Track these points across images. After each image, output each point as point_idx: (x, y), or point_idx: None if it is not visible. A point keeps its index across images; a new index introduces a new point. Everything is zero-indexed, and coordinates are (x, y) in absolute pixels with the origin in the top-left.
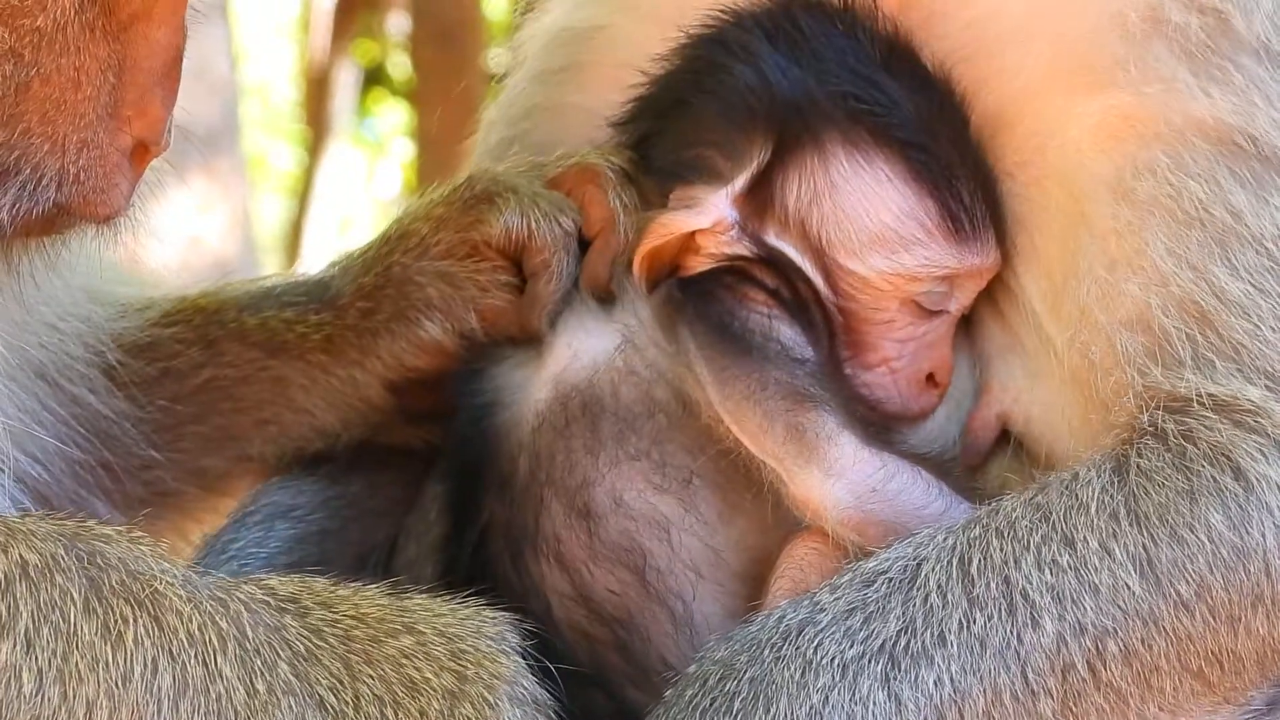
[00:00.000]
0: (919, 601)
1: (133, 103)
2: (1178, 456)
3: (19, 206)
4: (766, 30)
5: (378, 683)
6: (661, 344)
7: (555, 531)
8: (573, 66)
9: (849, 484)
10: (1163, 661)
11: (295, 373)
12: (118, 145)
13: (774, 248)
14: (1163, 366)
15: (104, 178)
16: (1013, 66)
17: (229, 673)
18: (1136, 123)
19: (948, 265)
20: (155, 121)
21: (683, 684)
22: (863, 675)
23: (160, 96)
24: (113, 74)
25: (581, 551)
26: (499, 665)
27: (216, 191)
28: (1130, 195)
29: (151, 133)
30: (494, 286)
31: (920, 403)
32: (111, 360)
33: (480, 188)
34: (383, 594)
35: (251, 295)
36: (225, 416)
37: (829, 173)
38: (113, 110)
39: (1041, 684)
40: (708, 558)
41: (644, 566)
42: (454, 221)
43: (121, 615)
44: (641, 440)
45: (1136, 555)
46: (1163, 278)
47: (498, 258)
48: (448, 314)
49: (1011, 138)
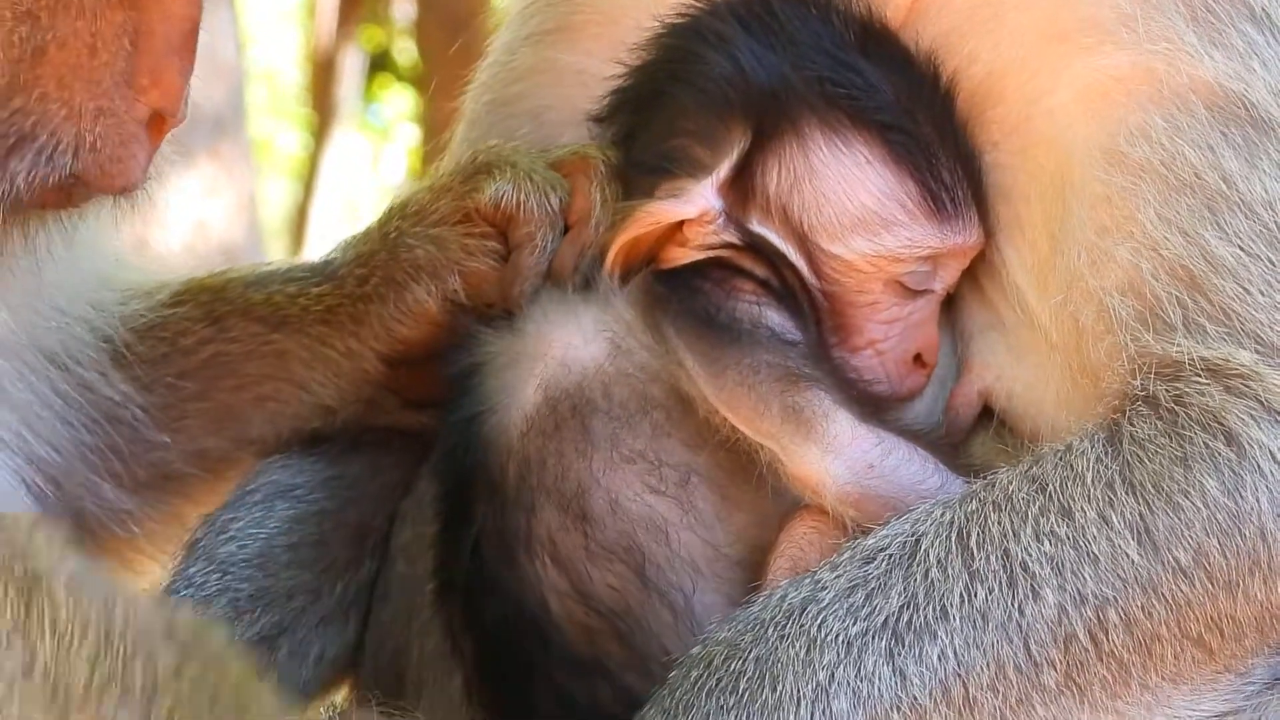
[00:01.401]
0: (920, 577)
1: (149, 71)
2: (1169, 424)
3: (35, 173)
4: (741, 17)
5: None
6: (650, 345)
7: (550, 535)
8: (565, 27)
9: (847, 460)
10: (1163, 629)
11: (296, 346)
12: (134, 114)
13: (758, 235)
14: (1154, 331)
15: (120, 146)
16: (1009, 35)
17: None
18: (1131, 84)
19: (930, 245)
20: (171, 91)
21: (687, 665)
22: (867, 651)
23: (176, 66)
24: (129, 41)
25: (579, 552)
26: None
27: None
28: (1123, 160)
29: (168, 102)
30: (479, 251)
31: (909, 383)
32: (119, 343)
33: (482, 159)
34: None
35: (258, 274)
36: (227, 394)
37: (808, 158)
38: (129, 79)
39: (1044, 655)
40: (707, 554)
41: (643, 564)
42: (454, 190)
43: None
44: (637, 440)
45: (1134, 523)
46: (1153, 243)
47: (487, 226)
48: (433, 275)
49: (1000, 107)
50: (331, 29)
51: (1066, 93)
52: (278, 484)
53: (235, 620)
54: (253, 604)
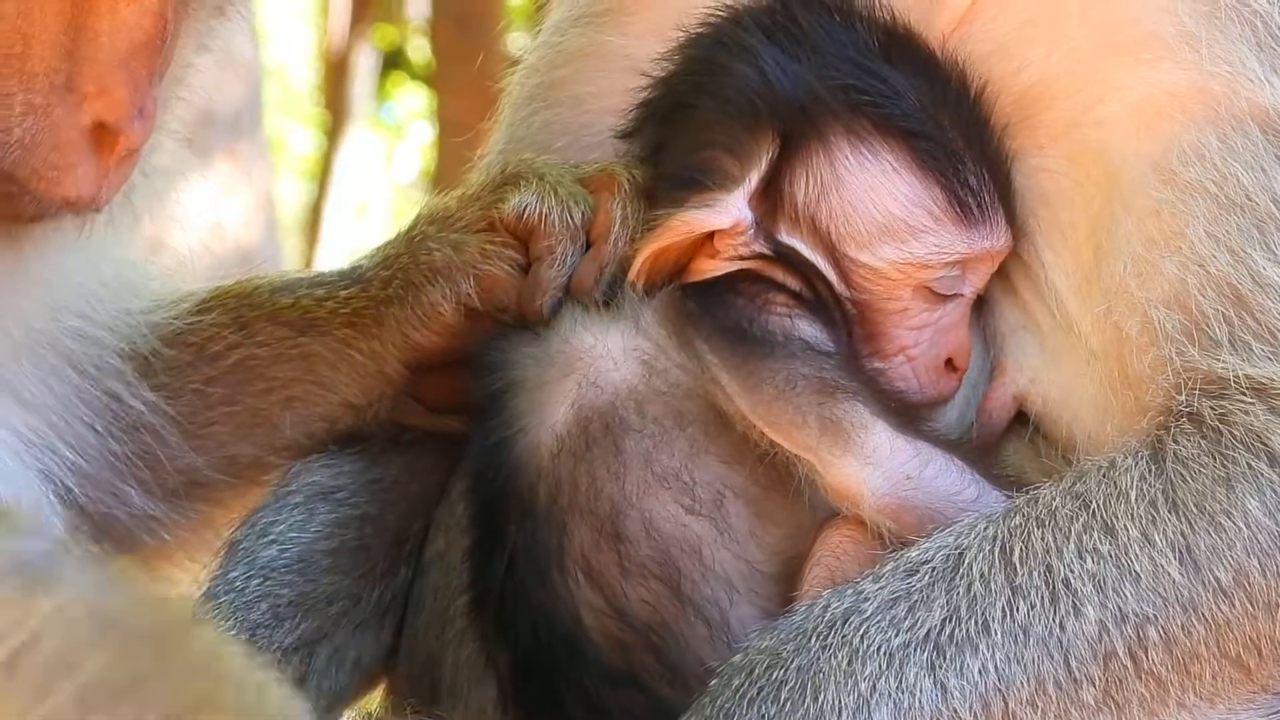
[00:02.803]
0: (962, 590)
1: (92, 78)
2: (1213, 443)
3: None
4: (764, 26)
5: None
6: (681, 361)
7: (583, 553)
8: (615, 10)
9: (885, 472)
10: (1202, 648)
11: (323, 349)
12: (73, 120)
13: (787, 246)
14: (1199, 347)
15: (55, 151)
16: (1065, 44)
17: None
18: (1187, 102)
19: (958, 250)
20: (117, 104)
21: (728, 673)
22: (909, 663)
23: (125, 79)
24: (68, 39)
25: (613, 570)
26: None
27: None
28: (1174, 176)
29: (113, 115)
30: (496, 257)
31: (940, 388)
32: (146, 351)
33: (511, 170)
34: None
35: (286, 280)
36: (255, 398)
37: (834, 167)
38: (68, 81)
39: (1084, 672)
40: (742, 571)
41: (678, 581)
42: (481, 199)
43: None
44: (672, 459)
45: (1176, 542)
46: (1201, 259)
47: (508, 235)
48: (448, 278)
49: (1048, 113)
50: (344, 27)
51: (1119, 104)
52: (318, 485)
53: (275, 626)
54: (293, 610)
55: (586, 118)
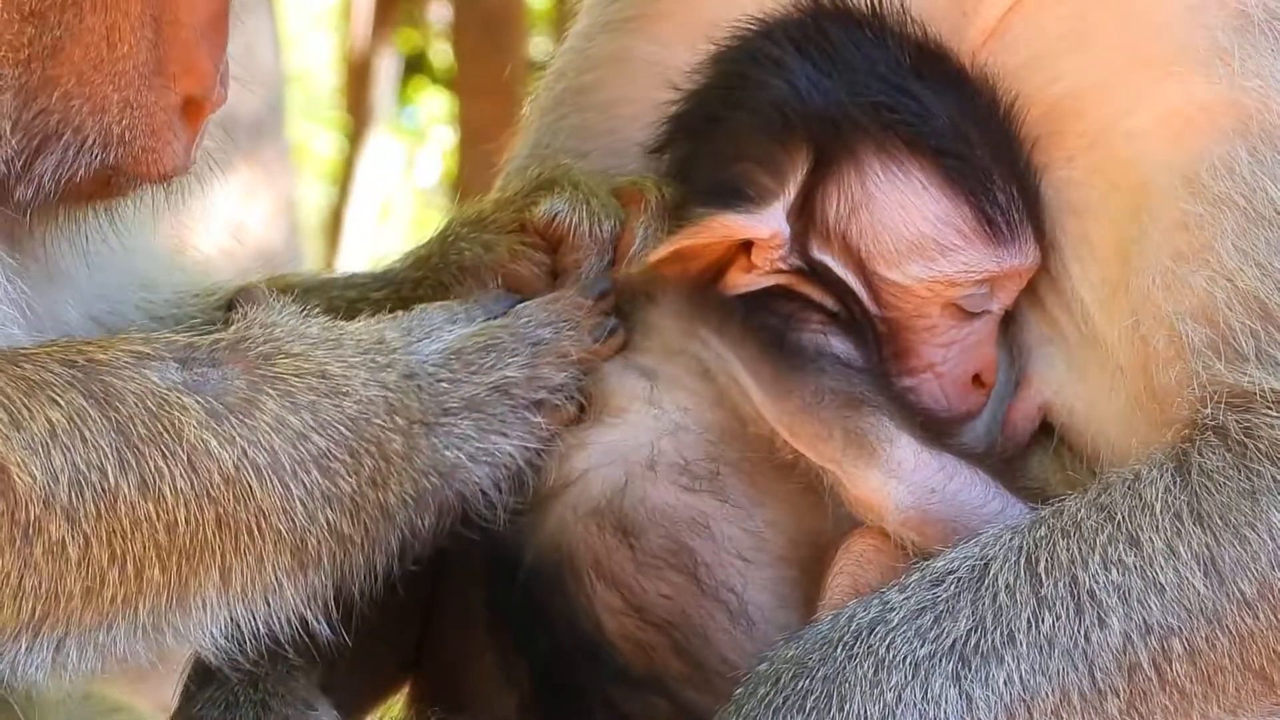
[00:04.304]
0: (988, 601)
1: (177, 59)
2: (1238, 456)
3: (62, 170)
4: (796, 41)
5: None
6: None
7: (594, 555)
8: (644, 15)
9: (910, 485)
10: (1226, 660)
11: None
12: (165, 103)
13: (818, 262)
14: (1226, 360)
15: (153, 136)
16: (1096, 57)
17: (268, 507)
18: (1217, 115)
19: (987, 269)
20: (203, 76)
21: (753, 682)
22: (934, 674)
23: (207, 51)
24: (151, 30)
25: (627, 566)
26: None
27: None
28: (1204, 189)
29: (200, 88)
30: (524, 258)
31: (967, 404)
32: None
33: (546, 175)
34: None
35: (318, 279)
36: None
37: (865, 185)
38: (156, 68)
39: (1109, 683)
40: (751, 542)
41: (695, 565)
42: (514, 203)
43: (155, 468)
44: (663, 443)
45: (1201, 555)
46: (1229, 272)
47: (537, 238)
48: (475, 277)
49: (1078, 125)
50: (367, 31)
51: (1148, 116)
52: None
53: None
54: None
55: (615, 123)
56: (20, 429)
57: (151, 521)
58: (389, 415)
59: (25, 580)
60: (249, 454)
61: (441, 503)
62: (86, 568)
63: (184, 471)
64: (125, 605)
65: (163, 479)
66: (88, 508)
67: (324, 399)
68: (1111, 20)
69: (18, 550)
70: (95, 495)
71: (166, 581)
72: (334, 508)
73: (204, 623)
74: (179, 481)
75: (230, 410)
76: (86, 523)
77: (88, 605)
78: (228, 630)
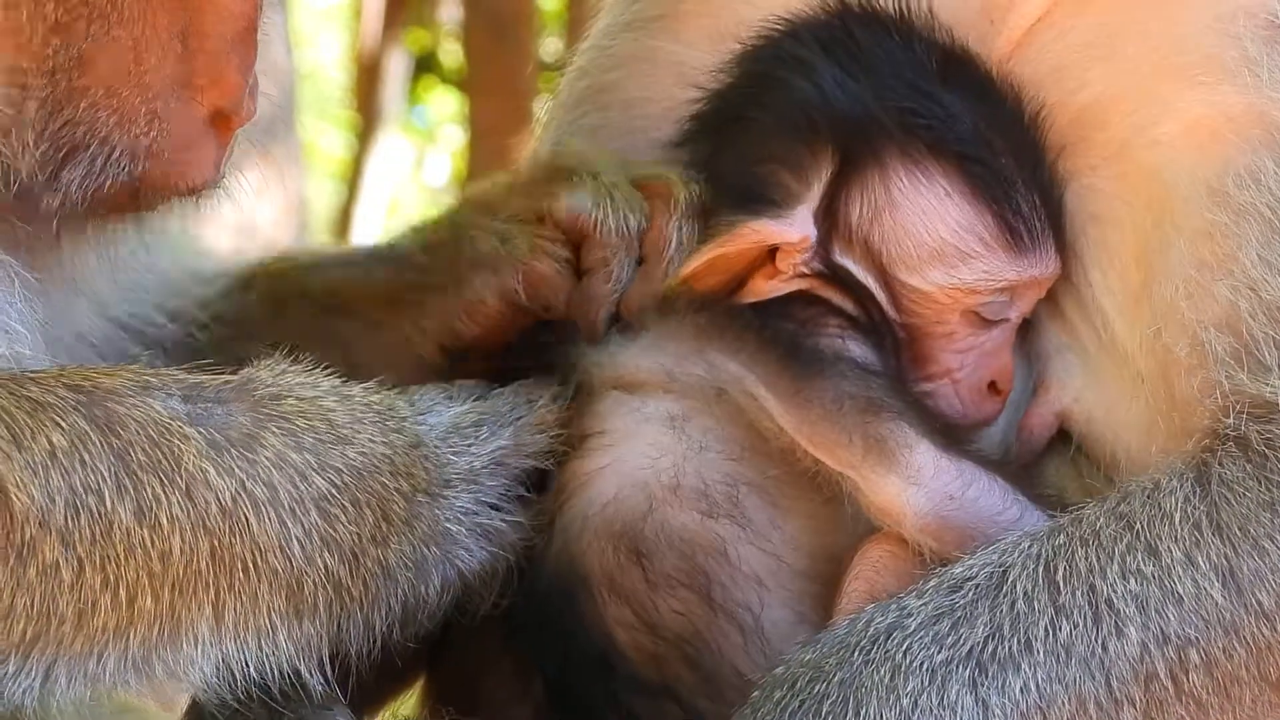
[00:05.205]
0: (1006, 608)
1: (205, 72)
2: (1259, 467)
3: (89, 180)
4: (823, 43)
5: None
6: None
7: (608, 573)
8: (668, 15)
9: (928, 492)
10: (1243, 672)
11: (354, 330)
12: (193, 116)
13: (840, 266)
14: (1248, 371)
15: (182, 149)
16: (1123, 65)
17: (265, 544)
18: (1243, 125)
19: (1007, 277)
20: (231, 90)
21: (770, 686)
22: (951, 680)
23: (235, 64)
24: (179, 43)
25: (640, 585)
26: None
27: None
28: (1228, 199)
29: (229, 101)
30: (546, 254)
31: (983, 411)
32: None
33: (562, 162)
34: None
35: (321, 258)
36: None
37: (889, 190)
38: (184, 80)
39: (1125, 692)
40: (769, 565)
41: (708, 586)
42: (529, 190)
43: (153, 495)
44: (682, 464)
45: (1219, 565)
46: (1253, 282)
47: (558, 233)
48: (495, 271)
49: (1102, 133)
50: (377, 31)
51: (1174, 125)
52: None
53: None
54: None
55: (637, 122)
56: (22, 449)
57: (146, 548)
58: (393, 476)
59: (17, 600)
60: (247, 486)
61: (444, 578)
62: (79, 591)
63: (181, 500)
64: (116, 634)
65: (159, 506)
66: (83, 531)
67: (329, 445)
68: (1139, 30)
69: (11, 570)
70: (91, 519)
71: (159, 612)
72: (332, 553)
73: (195, 659)
74: (175, 510)
75: (231, 443)
76: (81, 545)
77: (79, 630)
78: (220, 671)
